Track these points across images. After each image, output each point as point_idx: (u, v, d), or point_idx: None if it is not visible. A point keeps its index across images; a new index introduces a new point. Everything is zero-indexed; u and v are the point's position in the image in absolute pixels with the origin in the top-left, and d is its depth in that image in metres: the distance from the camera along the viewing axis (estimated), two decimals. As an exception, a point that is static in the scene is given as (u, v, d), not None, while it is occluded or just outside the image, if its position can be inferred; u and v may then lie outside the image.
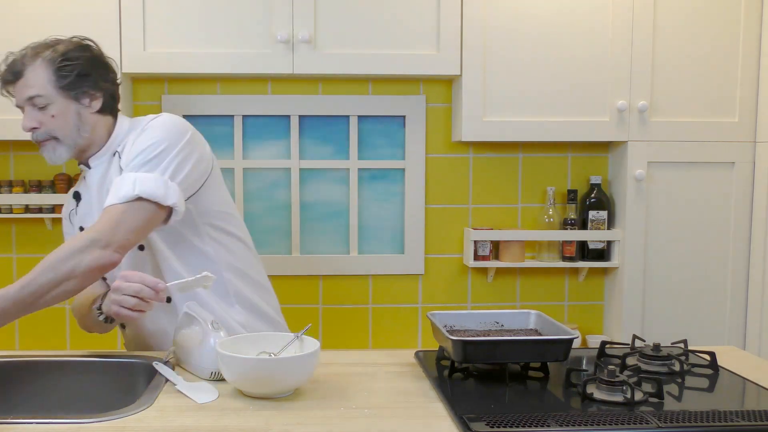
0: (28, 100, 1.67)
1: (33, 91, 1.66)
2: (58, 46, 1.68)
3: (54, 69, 1.66)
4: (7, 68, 1.68)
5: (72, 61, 1.67)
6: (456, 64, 2.48)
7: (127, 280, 1.46)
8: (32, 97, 1.66)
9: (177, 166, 1.62)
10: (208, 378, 1.50)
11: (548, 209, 2.69)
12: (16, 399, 1.63)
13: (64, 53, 1.67)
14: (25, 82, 1.66)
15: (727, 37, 2.56)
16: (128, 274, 1.48)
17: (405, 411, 1.35)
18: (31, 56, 1.67)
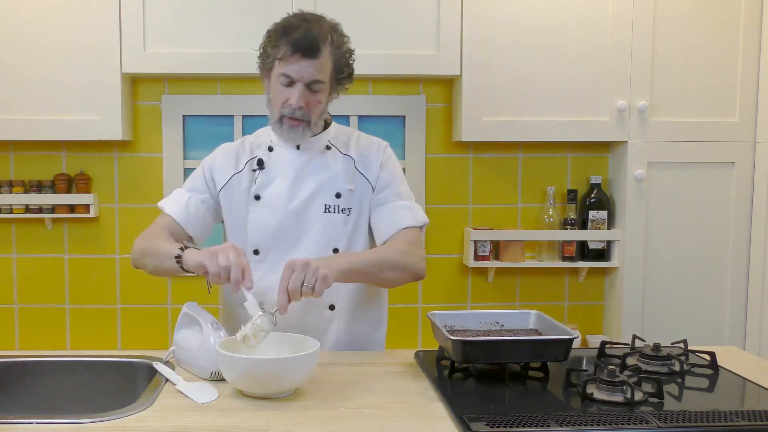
0: (312, 81, 1.67)
1: (321, 77, 1.67)
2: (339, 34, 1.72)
3: (340, 62, 1.71)
4: (305, 42, 1.64)
5: (349, 58, 1.75)
6: (456, 64, 2.48)
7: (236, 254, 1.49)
8: (316, 82, 1.67)
9: None
10: (208, 378, 1.50)
11: (548, 209, 2.69)
12: (16, 399, 1.63)
13: (348, 48, 1.74)
14: (316, 64, 1.66)
15: (727, 37, 2.56)
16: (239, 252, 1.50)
17: (405, 411, 1.35)
18: (326, 39, 1.67)
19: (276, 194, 1.77)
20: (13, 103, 2.42)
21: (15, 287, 2.68)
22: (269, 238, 1.76)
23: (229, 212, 1.82)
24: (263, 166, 1.79)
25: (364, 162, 1.81)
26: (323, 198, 1.77)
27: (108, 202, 2.67)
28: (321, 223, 1.76)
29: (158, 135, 2.66)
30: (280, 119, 1.72)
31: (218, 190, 1.82)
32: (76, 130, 2.44)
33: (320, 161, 1.79)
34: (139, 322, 2.70)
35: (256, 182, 1.79)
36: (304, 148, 1.79)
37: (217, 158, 1.84)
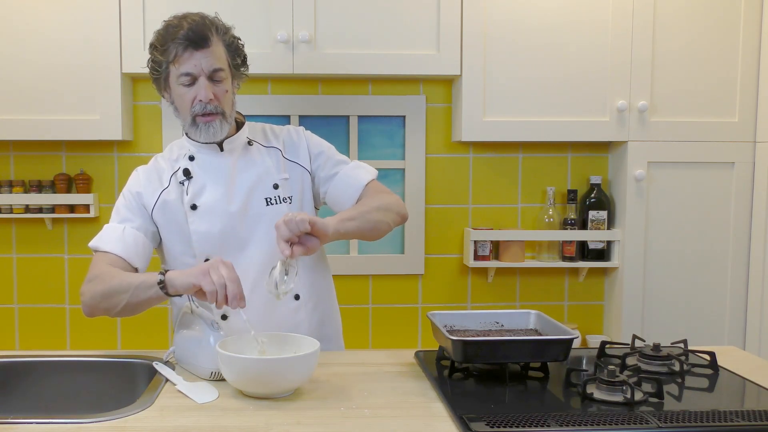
0: (212, 72, 1.66)
1: (218, 64, 1.67)
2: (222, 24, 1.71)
3: (230, 48, 1.71)
4: (193, 34, 1.63)
5: (238, 44, 1.75)
6: (456, 64, 2.48)
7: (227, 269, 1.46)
8: (217, 70, 1.67)
9: None
10: (208, 378, 1.50)
11: (548, 209, 2.69)
12: (16, 399, 1.63)
13: (233, 34, 1.73)
14: (210, 53, 1.65)
15: (727, 37, 2.56)
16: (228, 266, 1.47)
17: (405, 411, 1.35)
18: (212, 28, 1.67)
19: (212, 200, 1.73)
20: (13, 103, 2.42)
21: (15, 287, 2.68)
22: (216, 244, 1.72)
23: (167, 229, 1.75)
24: (190, 176, 1.75)
25: (291, 150, 1.82)
26: (262, 192, 1.75)
27: (108, 202, 2.67)
28: (267, 217, 1.73)
29: (158, 135, 2.66)
30: (193, 121, 1.69)
31: (150, 212, 1.75)
32: (76, 130, 2.44)
33: (247, 158, 1.78)
34: (139, 322, 2.70)
35: (188, 192, 1.73)
36: (227, 149, 1.77)
37: (140, 181, 1.78)
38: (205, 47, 1.64)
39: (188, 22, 1.65)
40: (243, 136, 1.80)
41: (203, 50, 1.64)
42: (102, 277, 1.61)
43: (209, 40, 1.65)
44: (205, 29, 1.65)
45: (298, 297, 1.78)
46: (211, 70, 1.66)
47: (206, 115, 1.68)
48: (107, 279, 1.59)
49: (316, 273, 1.84)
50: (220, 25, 1.70)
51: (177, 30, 1.65)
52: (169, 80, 1.69)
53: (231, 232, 1.73)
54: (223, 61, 1.69)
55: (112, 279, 1.59)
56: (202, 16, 1.68)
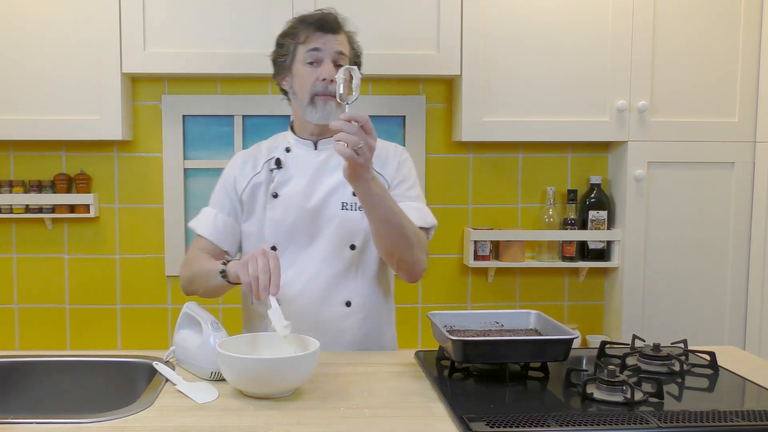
0: (337, 54, 1.76)
1: (345, 49, 1.78)
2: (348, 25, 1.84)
3: (354, 45, 1.84)
4: (328, 19, 1.77)
5: (361, 50, 1.87)
6: (456, 64, 2.48)
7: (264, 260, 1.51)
8: (341, 54, 1.76)
9: None
10: (208, 378, 1.50)
11: (548, 209, 2.69)
12: (16, 399, 1.63)
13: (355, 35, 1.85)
14: (339, 39, 1.78)
15: (727, 37, 2.56)
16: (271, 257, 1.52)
17: (405, 411, 1.35)
18: (342, 22, 1.80)
19: (293, 192, 1.80)
20: (13, 103, 2.42)
21: (15, 287, 2.68)
22: (286, 234, 1.80)
23: (250, 213, 1.85)
24: (281, 166, 1.83)
25: (381, 162, 1.83)
26: (341, 195, 1.80)
27: (108, 202, 2.67)
28: (338, 220, 1.79)
29: (158, 135, 2.66)
30: (312, 99, 1.76)
31: (240, 195, 1.85)
32: (76, 130, 2.44)
33: (338, 160, 1.79)
34: (139, 322, 2.70)
35: (274, 181, 1.83)
36: (322, 147, 1.83)
37: (236, 165, 1.89)
38: (335, 32, 1.77)
39: (319, 12, 1.79)
40: None
41: (333, 34, 1.76)
42: (190, 263, 1.80)
43: (340, 28, 1.78)
44: (336, 18, 1.79)
45: (350, 304, 1.80)
46: (337, 53, 1.75)
47: (325, 95, 1.75)
48: (193, 265, 1.78)
49: (374, 288, 1.85)
50: (348, 24, 1.83)
51: (310, 17, 1.78)
52: (293, 63, 1.79)
53: (302, 226, 1.79)
54: (347, 51, 1.79)
55: (194, 265, 1.77)
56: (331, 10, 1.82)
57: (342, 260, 1.79)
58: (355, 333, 1.81)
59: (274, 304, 1.49)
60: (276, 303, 1.50)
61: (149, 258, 2.69)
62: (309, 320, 1.74)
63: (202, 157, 2.68)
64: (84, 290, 2.69)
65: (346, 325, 1.80)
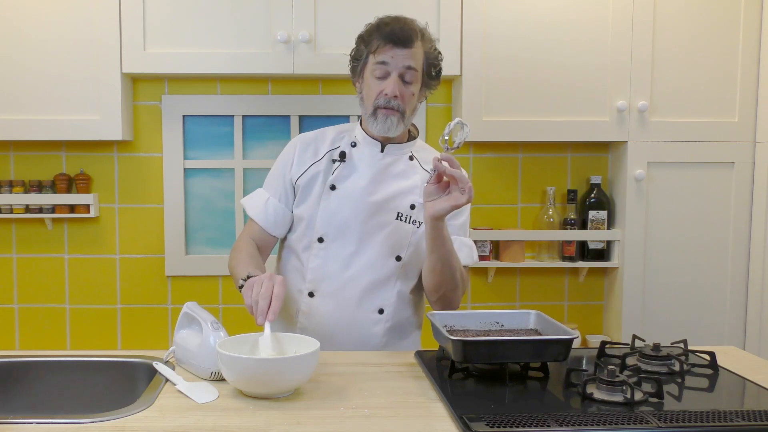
0: (405, 69, 1.72)
1: (414, 64, 1.73)
2: (431, 35, 1.80)
3: (430, 57, 1.78)
4: (401, 32, 1.72)
5: (438, 60, 1.81)
6: (456, 64, 2.48)
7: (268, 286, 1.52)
8: (410, 68, 1.72)
9: None
10: (208, 378, 1.50)
11: (548, 209, 2.69)
12: (16, 399, 1.63)
13: (436, 48, 1.81)
14: (410, 53, 1.72)
15: (727, 37, 2.56)
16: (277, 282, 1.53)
17: (405, 411, 1.35)
18: (419, 34, 1.75)
19: (353, 187, 1.79)
20: (13, 103, 2.43)
21: (15, 287, 2.68)
22: (336, 228, 1.79)
23: (303, 199, 1.84)
24: (344, 159, 1.82)
25: None
26: (398, 205, 1.80)
27: (108, 202, 2.67)
28: (390, 228, 1.79)
29: (158, 135, 2.66)
30: (374, 111, 1.75)
31: (295, 182, 1.84)
32: (76, 130, 2.44)
33: (402, 168, 1.82)
34: (139, 322, 2.70)
35: (334, 173, 1.81)
36: (388, 152, 1.82)
37: (295, 150, 1.87)
38: (405, 47, 1.72)
39: (397, 22, 1.75)
40: (409, 149, 1.84)
41: (403, 48, 1.72)
42: (234, 253, 1.83)
43: (412, 42, 1.72)
44: (410, 32, 1.73)
45: (382, 311, 1.81)
46: (404, 67, 1.72)
47: (387, 108, 1.73)
48: (235, 258, 1.80)
49: (408, 301, 1.86)
50: (427, 34, 1.78)
51: (385, 26, 1.74)
52: (364, 70, 1.78)
53: (353, 224, 1.78)
54: (419, 64, 1.74)
55: (234, 260, 1.80)
56: (412, 21, 1.77)
57: (385, 268, 1.79)
58: (380, 340, 1.83)
59: (267, 331, 1.50)
60: (269, 330, 1.51)
61: (149, 258, 2.69)
62: (339, 320, 1.76)
63: (202, 157, 2.68)
64: (84, 290, 2.69)
65: (374, 331, 1.82)
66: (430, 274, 1.75)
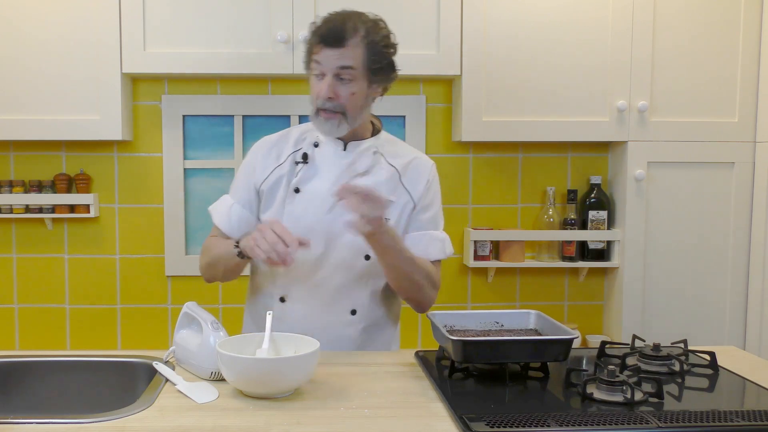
0: (339, 69, 1.67)
1: (348, 62, 1.67)
2: (379, 27, 1.72)
3: (372, 50, 1.69)
4: (331, 31, 1.67)
5: (387, 49, 1.73)
6: (456, 64, 2.48)
7: (272, 229, 1.56)
8: (345, 68, 1.67)
9: None
10: (208, 378, 1.50)
11: (548, 209, 2.69)
12: (16, 399, 1.63)
13: (384, 38, 1.72)
14: (344, 52, 1.66)
15: (727, 37, 2.56)
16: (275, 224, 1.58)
17: (405, 411, 1.35)
18: (356, 29, 1.68)
19: (317, 189, 1.76)
20: (13, 103, 2.42)
21: (15, 287, 2.68)
22: (303, 231, 1.74)
23: (268, 204, 1.81)
24: (307, 160, 1.79)
25: (411, 176, 1.81)
26: None
27: (108, 202, 2.67)
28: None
29: (158, 135, 2.66)
30: (316, 113, 1.72)
31: (259, 186, 1.82)
32: (76, 130, 2.44)
33: (365, 165, 1.79)
34: (139, 322, 2.70)
35: (298, 175, 1.78)
36: (351, 149, 1.79)
37: (259, 153, 1.84)
38: (337, 46, 1.66)
39: (332, 21, 1.69)
40: (373, 144, 1.81)
41: (334, 49, 1.67)
42: (205, 250, 1.84)
43: (344, 41, 1.66)
44: (343, 31, 1.67)
45: (355, 312, 1.80)
46: (338, 67, 1.67)
47: (326, 111, 1.70)
48: (208, 251, 1.82)
49: (381, 300, 1.84)
50: (372, 29, 1.71)
51: (321, 25, 1.70)
52: (309, 69, 1.75)
53: (319, 226, 1.75)
54: (357, 61, 1.68)
55: (210, 252, 1.81)
56: (353, 16, 1.71)
57: (355, 268, 1.77)
58: (355, 340, 1.81)
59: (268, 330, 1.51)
60: (270, 321, 1.52)
61: (149, 258, 2.69)
62: (311, 323, 1.74)
63: (202, 157, 2.68)
64: (84, 290, 2.69)
65: (348, 333, 1.80)
66: (388, 279, 1.76)
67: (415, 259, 1.73)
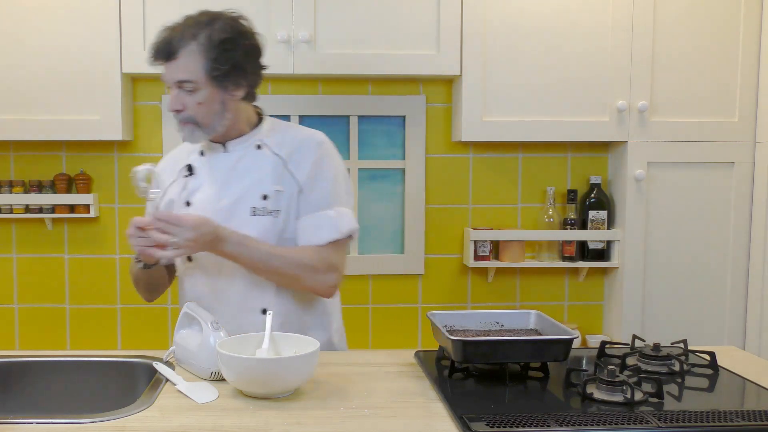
0: (177, 83, 1.65)
1: (185, 76, 1.63)
2: (215, 29, 1.64)
3: (209, 58, 1.63)
4: (161, 45, 1.64)
5: (228, 52, 1.64)
6: (456, 64, 2.48)
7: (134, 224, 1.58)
8: (183, 81, 1.64)
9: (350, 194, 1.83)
10: (208, 378, 1.50)
11: (548, 209, 2.69)
12: (16, 399, 1.63)
13: (221, 42, 1.63)
14: (177, 65, 1.63)
15: (727, 37, 2.56)
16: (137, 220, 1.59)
17: (405, 411, 1.35)
18: (188, 37, 1.63)
19: (204, 199, 1.73)
20: (13, 103, 2.42)
21: (15, 287, 2.68)
22: None
23: None
24: (193, 172, 1.77)
25: (296, 160, 1.75)
26: (250, 200, 1.71)
27: (108, 202, 2.67)
28: (249, 227, 1.69)
29: (158, 135, 2.66)
30: (177, 122, 1.70)
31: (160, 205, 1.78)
32: (76, 130, 2.44)
33: (248, 162, 1.74)
34: (139, 322, 2.70)
35: (187, 188, 1.76)
36: (231, 150, 1.75)
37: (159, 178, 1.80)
38: (169, 60, 1.64)
39: (162, 33, 1.66)
40: (255, 137, 1.77)
41: (168, 62, 1.65)
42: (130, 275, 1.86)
43: (175, 54, 1.63)
44: (173, 43, 1.63)
45: (266, 311, 1.72)
46: (176, 81, 1.65)
47: (179, 121, 1.69)
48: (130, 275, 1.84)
49: (294, 294, 1.78)
50: (210, 34, 1.63)
51: (154, 39, 1.67)
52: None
53: None
54: (195, 72, 1.63)
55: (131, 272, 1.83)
56: (180, 27, 1.66)
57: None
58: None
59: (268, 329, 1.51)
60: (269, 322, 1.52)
61: (149, 258, 2.69)
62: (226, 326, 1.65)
63: (202, 157, 2.67)
64: (84, 290, 2.69)
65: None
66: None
67: (276, 254, 1.67)
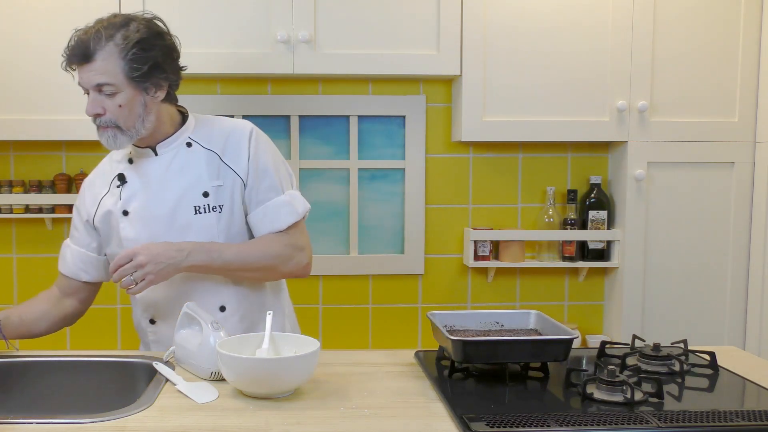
0: (95, 86, 1.61)
1: (102, 79, 1.60)
2: (131, 29, 1.61)
3: (127, 59, 1.60)
4: (76, 47, 1.60)
5: (146, 52, 1.61)
6: (456, 64, 2.48)
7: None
8: (101, 85, 1.60)
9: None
10: (208, 378, 1.50)
11: (548, 209, 2.69)
12: (16, 399, 1.64)
13: (138, 42, 1.60)
14: (94, 67, 1.59)
15: (727, 38, 2.56)
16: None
17: (405, 411, 1.35)
18: (104, 39, 1.59)
19: (142, 206, 1.71)
20: (13, 103, 2.42)
21: (15, 287, 2.68)
22: None
23: (106, 235, 1.77)
24: (125, 180, 1.73)
25: (231, 153, 1.73)
26: (191, 200, 1.69)
27: (108, 202, 2.67)
28: (195, 227, 1.69)
29: (158, 135, 2.66)
30: (97, 128, 1.67)
31: (92, 221, 1.77)
32: (76, 130, 2.44)
33: (181, 162, 1.72)
34: (139, 322, 2.70)
35: (122, 197, 1.72)
36: (161, 152, 1.72)
37: (86, 189, 1.80)
38: (85, 63, 1.60)
39: (80, 33, 1.63)
40: (182, 136, 1.74)
41: (85, 65, 1.61)
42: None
43: (91, 56, 1.59)
44: (89, 43, 1.59)
45: (224, 309, 1.75)
46: (93, 84, 1.61)
47: (99, 126, 1.66)
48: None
49: (251, 289, 1.78)
50: (126, 35, 1.61)
51: (69, 42, 1.63)
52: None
53: (159, 239, 1.68)
54: (113, 74, 1.60)
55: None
56: (94, 29, 1.62)
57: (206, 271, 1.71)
58: (235, 332, 1.73)
59: (268, 329, 1.51)
60: (270, 322, 1.52)
61: (149, 258, 2.68)
62: None
63: (202, 157, 2.67)
64: (84, 290, 2.68)
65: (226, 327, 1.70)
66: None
67: (246, 250, 1.68)
